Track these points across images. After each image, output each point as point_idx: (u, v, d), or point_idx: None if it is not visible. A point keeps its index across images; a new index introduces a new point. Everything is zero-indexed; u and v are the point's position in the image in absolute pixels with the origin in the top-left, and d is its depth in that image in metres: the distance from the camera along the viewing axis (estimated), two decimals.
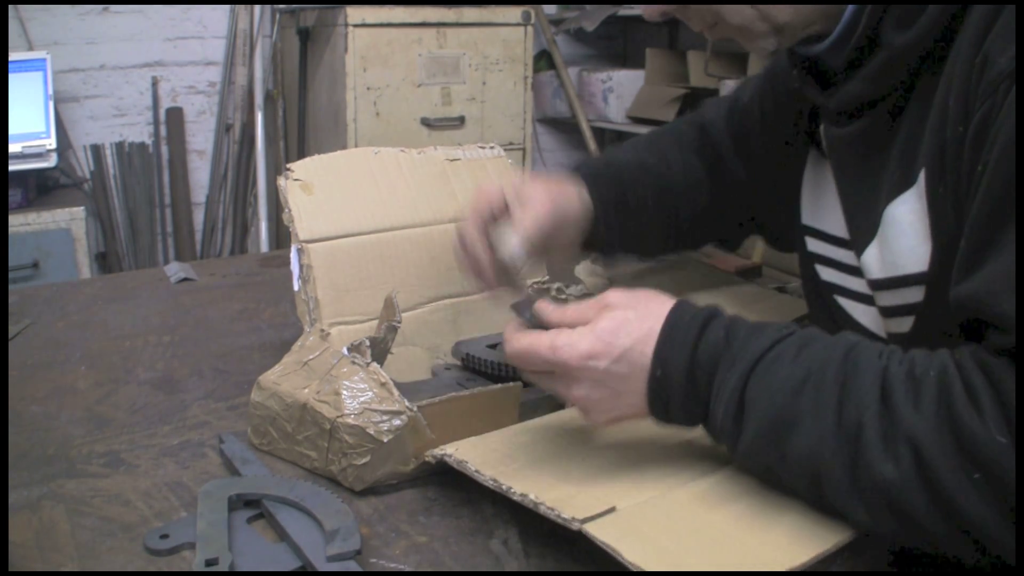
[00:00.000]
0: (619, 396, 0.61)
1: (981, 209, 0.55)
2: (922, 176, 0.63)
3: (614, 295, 0.63)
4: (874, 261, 0.70)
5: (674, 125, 0.99)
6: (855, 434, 0.54)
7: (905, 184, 0.65)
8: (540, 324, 0.64)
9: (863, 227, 0.71)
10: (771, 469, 0.59)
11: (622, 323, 0.60)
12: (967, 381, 0.52)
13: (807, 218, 0.82)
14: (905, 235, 0.65)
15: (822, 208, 0.80)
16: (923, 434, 0.52)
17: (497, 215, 0.79)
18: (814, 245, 0.81)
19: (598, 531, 0.53)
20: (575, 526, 0.54)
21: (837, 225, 0.77)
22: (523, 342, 0.62)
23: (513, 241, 0.77)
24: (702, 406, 0.60)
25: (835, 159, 0.76)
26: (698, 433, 0.69)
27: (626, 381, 0.60)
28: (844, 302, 0.77)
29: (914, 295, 0.66)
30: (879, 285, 0.70)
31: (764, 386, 0.57)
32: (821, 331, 0.60)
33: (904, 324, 0.68)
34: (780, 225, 0.92)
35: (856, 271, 0.75)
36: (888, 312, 0.70)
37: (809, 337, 0.59)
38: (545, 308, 0.65)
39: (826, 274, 0.80)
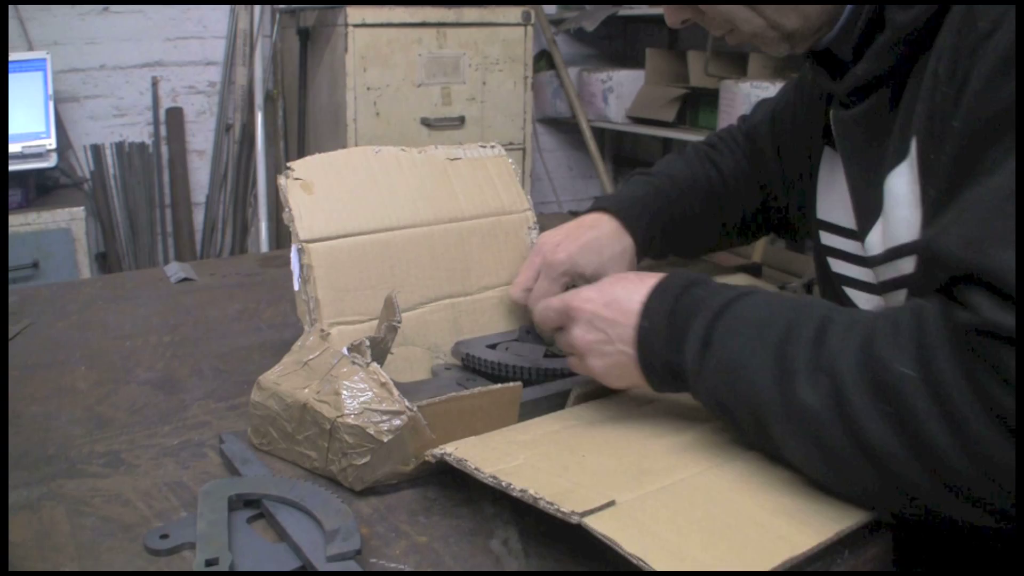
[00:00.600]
0: (610, 341, 0.68)
1: (949, 161, 0.58)
2: (913, 145, 0.65)
3: (622, 270, 0.73)
4: (877, 237, 0.72)
5: (727, 131, 1.05)
6: (789, 366, 0.58)
7: (900, 156, 0.67)
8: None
9: (868, 206, 0.73)
10: (726, 408, 0.63)
11: (621, 279, 0.71)
12: (894, 319, 0.55)
13: (821, 212, 0.85)
14: (900, 206, 0.67)
15: (834, 201, 0.82)
16: (842, 365, 0.55)
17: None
18: (827, 238, 0.84)
19: (598, 524, 0.53)
20: (574, 519, 0.54)
21: (846, 216, 0.79)
22: (544, 302, 0.75)
23: None
24: (680, 352, 0.64)
25: (843, 143, 0.78)
26: (698, 431, 0.69)
27: (615, 326, 0.68)
28: (851, 292, 0.80)
29: (908, 265, 0.68)
30: (878, 260, 0.72)
31: (728, 326, 0.62)
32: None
33: (899, 297, 0.70)
34: (795, 221, 0.98)
35: (862, 260, 0.76)
36: (885, 287, 0.72)
37: (769, 292, 0.65)
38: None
39: (836, 266, 0.82)
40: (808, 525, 0.56)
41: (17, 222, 2.26)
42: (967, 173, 0.56)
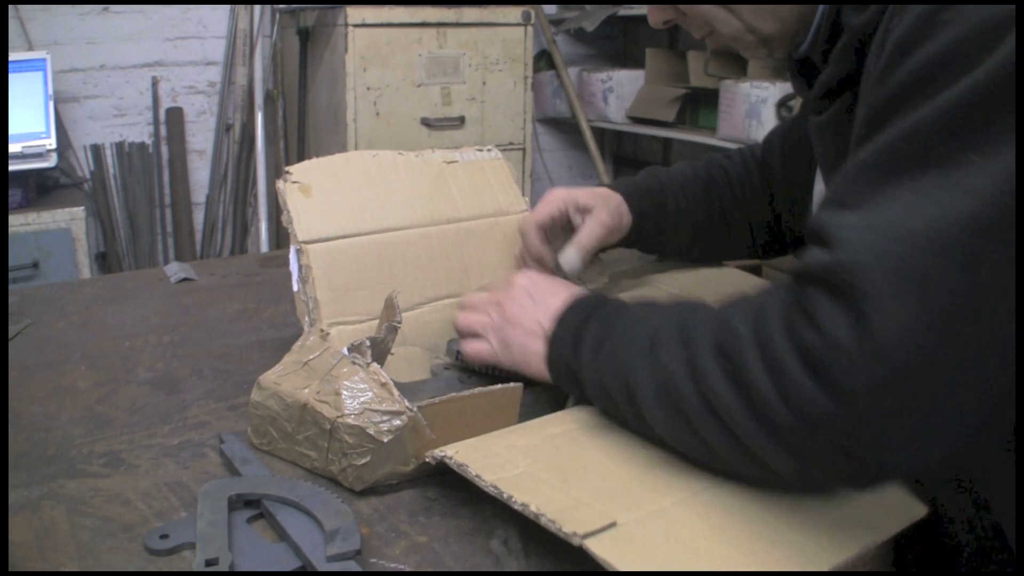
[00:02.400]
0: (520, 325, 0.76)
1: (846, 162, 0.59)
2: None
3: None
4: None
5: (748, 146, 1.08)
6: (656, 341, 0.63)
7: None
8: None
9: None
10: (606, 391, 0.67)
11: (547, 279, 0.81)
12: (752, 293, 0.60)
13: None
14: None
15: None
16: (697, 330, 0.60)
17: (558, 223, 0.93)
18: None
19: (598, 548, 0.53)
20: (576, 541, 0.54)
21: None
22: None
23: (573, 256, 0.92)
24: (577, 359, 0.71)
25: (817, 149, 0.79)
26: None
27: (527, 313, 0.76)
28: None
29: None
30: None
31: (622, 325, 0.68)
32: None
33: None
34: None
35: None
36: None
37: (656, 303, 0.71)
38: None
39: None
40: (803, 557, 0.56)
41: (17, 222, 2.26)
42: (851, 165, 0.58)
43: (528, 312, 0.76)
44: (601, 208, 0.93)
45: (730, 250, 1.07)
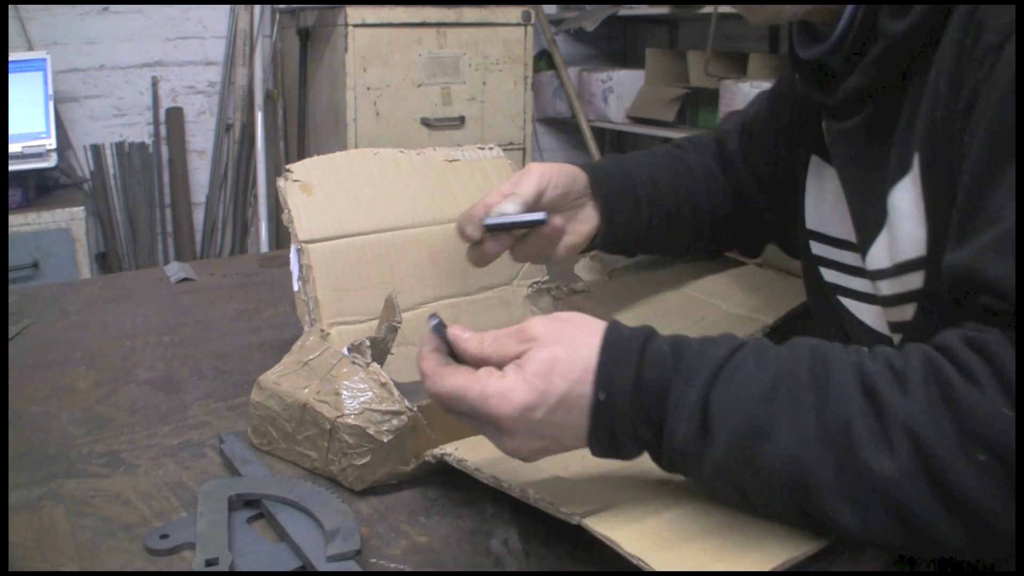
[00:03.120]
0: (558, 442, 0.56)
1: (969, 178, 0.55)
2: (916, 160, 0.64)
3: (538, 326, 0.56)
4: (882, 252, 0.70)
5: (695, 136, 1.02)
6: (843, 433, 0.50)
7: (902, 171, 0.66)
8: (453, 352, 0.59)
9: (869, 219, 0.71)
10: (740, 487, 0.54)
11: (553, 363, 0.54)
12: (958, 360, 0.49)
13: (811, 223, 0.83)
14: (905, 220, 0.66)
15: (825, 212, 0.81)
16: (919, 420, 0.48)
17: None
18: (818, 248, 0.82)
19: (598, 524, 0.53)
20: (575, 520, 0.54)
21: (839, 228, 0.78)
22: (448, 384, 0.55)
23: (506, 203, 0.79)
24: (654, 428, 0.54)
25: (838, 156, 0.76)
26: None
27: (564, 429, 0.55)
28: (847, 302, 0.78)
29: (915, 281, 0.66)
30: (881, 275, 0.70)
31: (730, 396, 0.52)
32: (771, 342, 0.56)
33: (907, 312, 0.69)
34: (789, 232, 0.94)
35: (858, 271, 0.75)
36: (890, 300, 0.70)
37: (765, 345, 0.55)
38: (461, 338, 0.58)
39: (829, 275, 0.81)
40: (803, 534, 0.56)
41: (17, 222, 2.26)
42: (990, 192, 0.53)
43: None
44: (538, 165, 0.83)
45: (692, 245, 1.00)
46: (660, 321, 0.89)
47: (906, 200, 0.65)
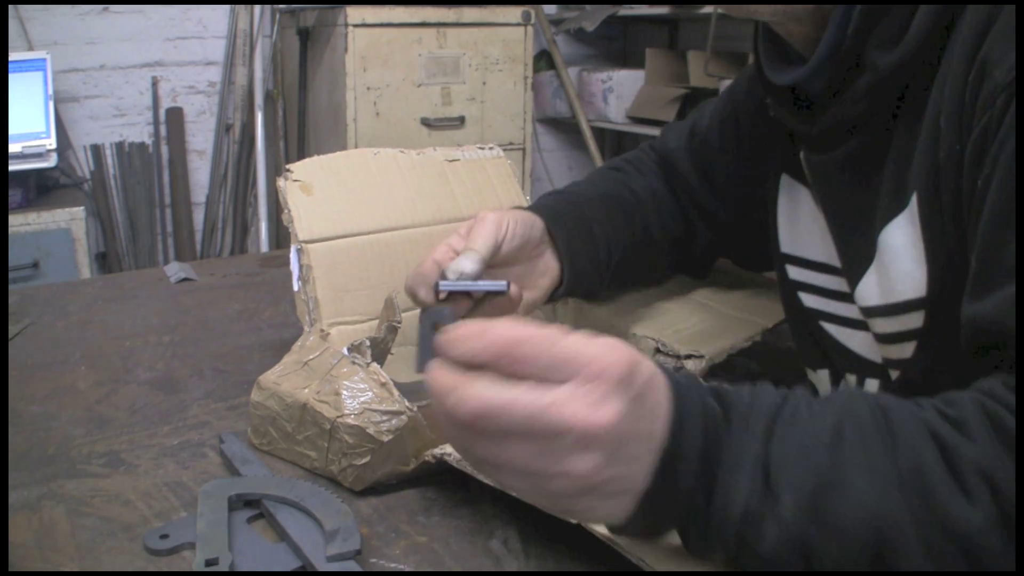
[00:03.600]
0: (627, 479, 0.45)
1: (988, 227, 0.52)
2: (914, 199, 0.61)
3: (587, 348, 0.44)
4: (871, 288, 0.67)
5: (634, 156, 0.95)
6: (919, 480, 0.45)
7: (897, 208, 0.63)
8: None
9: (858, 254, 0.68)
10: (807, 553, 0.46)
11: (631, 370, 0.44)
12: (1011, 407, 0.46)
13: (786, 246, 0.79)
14: (900, 259, 0.63)
15: (801, 234, 0.77)
16: (992, 465, 0.44)
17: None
18: (796, 273, 0.78)
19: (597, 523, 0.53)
20: (573, 519, 0.54)
21: (818, 251, 0.75)
22: (489, 395, 0.42)
23: (465, 262, 0.69)
24: (708, 487, 0.47)
25: (820, 186, 0.73)
26: None
27: (636, 462, 0.45)
28: (831, 328, 0.75)
29: (914, 320, 0.64)
30: (875, 312, 0.67)
31: (792, 447, 0.46)
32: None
33: (905, 350, 0.66)
34: (748, 248, 0.91)
35: (841, 296, 0.72)
36: (887, 339, 0.67)
37: (805, 392, 0.50)
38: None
39: (809, 301, 0.77)
40: None
41: (17, 222, 2.26)
42: (1010, 240, 0.50)
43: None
44: (490, 214, 0.74)
45: (648, 275, 0.95)
46: (659, 323, 0.89)
47: (901, 238, 0.63)
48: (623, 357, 0.43)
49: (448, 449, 0.66)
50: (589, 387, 0.42)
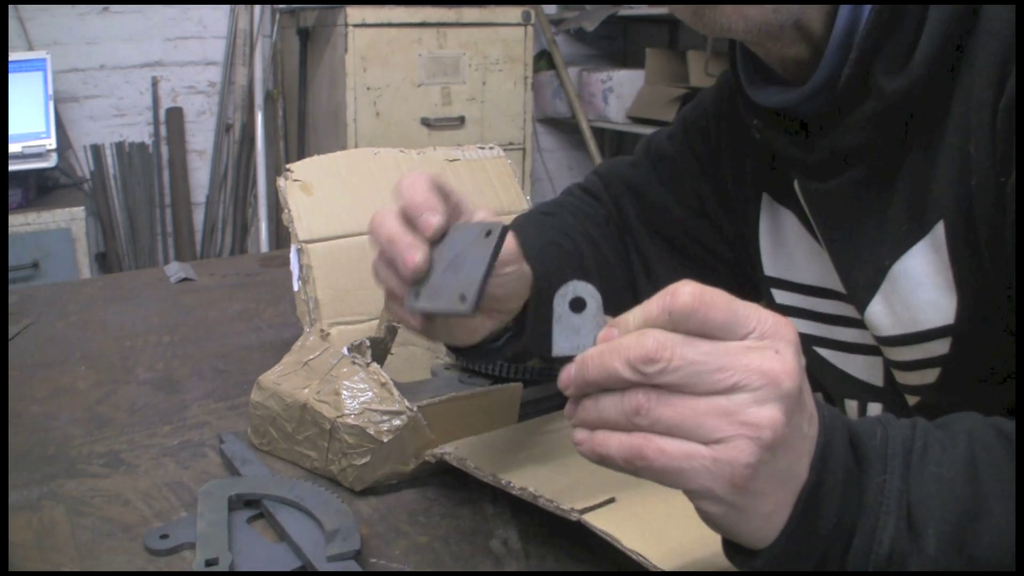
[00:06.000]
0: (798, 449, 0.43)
1: None
2: (940, 228, 0.59)
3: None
4: (882, 317, 0.64)
5: (565, 200, 0.85)
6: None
7: (915, 236, 0.61)
8: None
9: (864, 282, 0.66)
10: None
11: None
12: None
13: (770, 269, 0.76)
14: (922, 288, 0.61)
15: (786, 257, 0.74)
16: None
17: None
18: (783, 297, 0.75)
19: (597, 521, 0.53)
20: (574, 516, 0.54)
21: (810, 275, 0.72)
22: (685, 342, 0.41)
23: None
24: (851, 523, 0.45)
25: (819, 214, 0.69)
26: None
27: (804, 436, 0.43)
28: (826, 353, 0.72)
29: (939, 348, 0.62)
30: (894, 341, 0.65)
31: (931, 480, 0.45)
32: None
33: (928, 376, 0.64)
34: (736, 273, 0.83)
35: (838, 320, 0.70)
36: (908, 366, 0.65)
37: (924, 422, 0.49)
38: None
39: (801, 326, 0.73)
40: None
41: (17, 222, 2.26)
42: None
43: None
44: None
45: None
46: None
47: (922, 267, 0.60)
48: (790, 323, 0.43)
49: (448, 449, 0.66)
50: (767, 342, 0.42)
